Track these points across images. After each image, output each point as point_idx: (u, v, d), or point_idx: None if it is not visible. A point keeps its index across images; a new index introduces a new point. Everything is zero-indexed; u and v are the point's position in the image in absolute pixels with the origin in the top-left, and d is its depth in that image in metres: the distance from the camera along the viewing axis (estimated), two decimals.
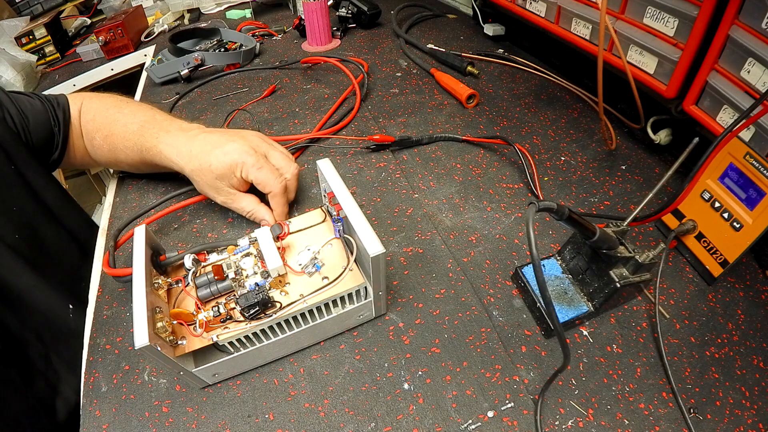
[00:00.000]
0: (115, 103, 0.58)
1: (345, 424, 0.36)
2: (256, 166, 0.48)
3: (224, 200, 0.51)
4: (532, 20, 0.71)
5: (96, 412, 0.38)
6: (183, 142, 0.50)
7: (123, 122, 0.55)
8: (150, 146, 0.52)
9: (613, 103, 0.64)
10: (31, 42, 1.13)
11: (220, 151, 0.48)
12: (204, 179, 0.49)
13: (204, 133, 0.51)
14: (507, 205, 0.53)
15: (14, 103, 0.54)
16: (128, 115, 0.56)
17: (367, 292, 0.39)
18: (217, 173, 0.48)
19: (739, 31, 0.42)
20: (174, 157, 0.50)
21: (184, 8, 1.20)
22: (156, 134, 0.52)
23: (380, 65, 0.84)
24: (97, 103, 0.59)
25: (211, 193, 0.51)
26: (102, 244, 0.55)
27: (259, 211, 0.51)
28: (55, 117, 0.56)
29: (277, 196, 0.49)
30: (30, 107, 0.55)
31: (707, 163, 0.43)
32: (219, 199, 0.51)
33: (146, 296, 0.33)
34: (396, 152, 0.63)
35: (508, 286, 0.45)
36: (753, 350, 0.39)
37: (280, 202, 0.50)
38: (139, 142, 0.53)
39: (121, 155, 0.56)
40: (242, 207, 0.51)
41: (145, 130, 0.53)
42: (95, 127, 0.57)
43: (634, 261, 0.38)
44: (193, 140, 0.50)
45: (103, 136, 0.56)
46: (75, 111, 0.58)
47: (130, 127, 0.54)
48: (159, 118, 0.55)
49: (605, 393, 0.37)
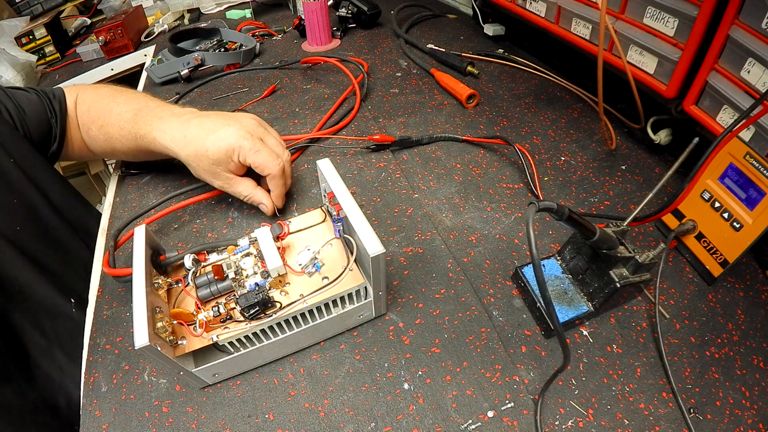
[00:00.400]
0: (109, 93, 0.58)
1: (345, 424, 0.36)
2: (254, 149, 0.48)
3: (221, 185, 0.51)
4: (532, 20, 0.71)
5: (96, 412, 0.38)
6: (177, 128, 0.50)
7: (117, 112, 0.55)
8: (144, 134, 0.52)
9: (613, 103, 0.64)
10: (31, 42, 1.13)
11: (215, 137, 0.48)
12: (201, 165, 0.49)
13: (198, 118, 0.51)
14: (507, 205, 0.53)
15: (10, 97, 0.54)
16: (122, 104, 0.56)
17: (367, 292, 0.39)
18: (213, 158, 0.48)
19: (739, 31, 0.42)
20: (168, 143, 0.50)
21: (184, 8, 1.20)
22: (149, 121, 0.52)
23: (380, 65, 0.84)
24: (92, 94, 0.59)
25: (208, 178, 0.51)
26: (102, 244, 0.55)
27: (256, 194, 0.51)
28: (52, 109, 0.56)
29: (276, 178, 0.49)
30: (26, 101, 0.55)
31: (707, 163, 0.43)
32: (216, 183, 0.51)
33: (146, 296, 0.33)
34: (396, 152, 0.63)
35: (508, 286, 0.45)
36: (753, 350, 0.39)
37: (278, 184, 0.50)
38: (133, 130, 0.53)
39: (117, 144, 0.56)
40: (240, 191, 0.51)
41: (139, 117, 0.53)
42: (90, 119, 0.57)
43: (634, 261, 0.38)
44: (187, 125, 0.50)
45: (99, 127, 0.56)
46: (71, 103, 0.58)
47: (124, 116, 0.54)
48: (152, 105, 0.55)
49: (605, 393, 0.37)
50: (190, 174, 0.51)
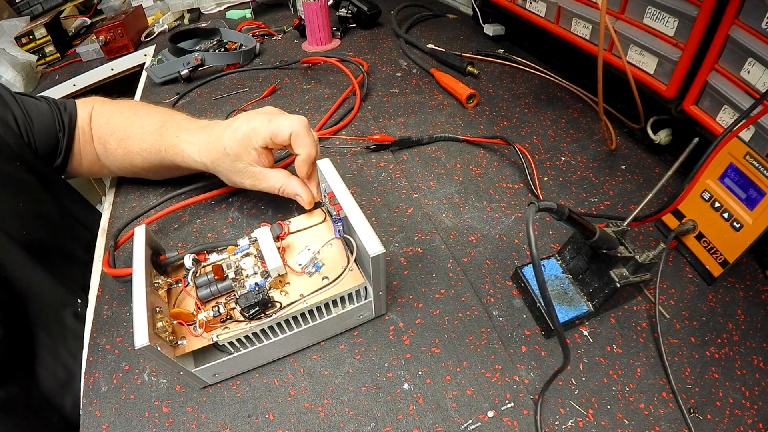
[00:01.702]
0: (130, 107, 0.57)
1: (345, 424, 0.36)
2: (265, 120, 0.44)
3: (252, 182, 0.47)
4: (532, 20, 0.71)
5: (96, 412, 0.38)
6: (203, 138, 0.48)
7: (140, 124, 0.53)
8: (170, 146, 0.50)
9: (613, 103, 0.64)
10: (31, 42, 1.13)
11: (229, 131, 0.45)
12: (224, 166, 0.47)
13: (219, 122, 0.49)
14: (507, 205, 0.53)
15: (20, 105, 0.53)
16: (145, 117, 0.54)
17: (367, 292, 0.39)
18: (233, 154, 0.45)
19: (739, 31, 0.42)
20: (195, 154, 0.48)
21: (184, 8, 1.20)
22: (176, 133, 0.50)
23: (380, 65, 0.84)
24: (111, 107, 0.57)
25: (237, 179, 0.48)
26: (102, 244, 0.55)
27: (290, 184, 0.46)
28: (61, 121, 0.54)
29: (302, 134, 0.43)
30: (36, 110, 0.53)
31: (707, 163, 0.43)
32: (247, 182, 0.48)
33: (146, 296, 0.33)
34: (396, 152, 0.63)
35: (508, 286, 0.45)
36: (753, 350, 0.39)
37: (307, 141, 0.44)
38: (157, 142, 0.51)
39: (136, 159, 0.54)
40: (272, 185, 0.47)
41: (165, 129, 0.51)
42: (109, 131, 0.55)
43: (634, 261, 0.38)
44: (210, 132, 0.48)
45: (118, 140, 0.54)
46: (84, 115, 0.56)
47: (148, 129, 0.52)
48: (177, 118, 0.54)
49: (605, 393, 0.37)
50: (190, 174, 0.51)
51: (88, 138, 0.56)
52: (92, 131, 0.56)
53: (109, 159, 0.56)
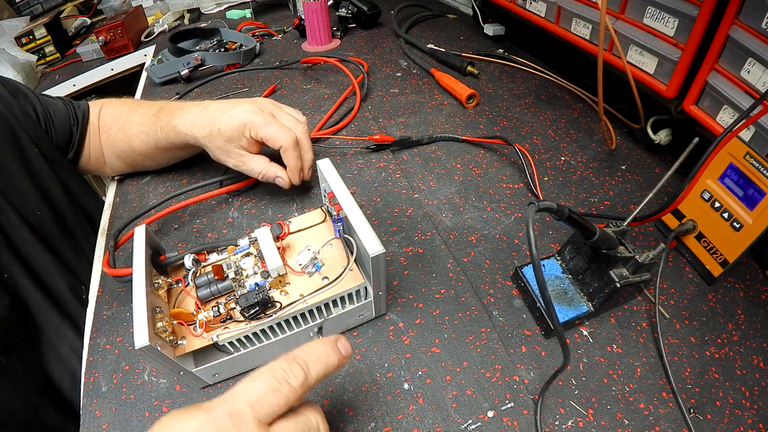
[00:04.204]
0: (134, 101, 0.64)
1: (345, 424, 0.36)
2: (264, 123, 0.49)
3: (235, 163, 0.52)
4: (532, 20, 0.71)
5: (96, 412, 0.38)
6: (196, 113, 0.52)
7: (140, 110, 0.58)
8: (164, 124, 0.54)
9: (613, 103, 0.64)
10: (31, 42, 1.13)
11: (228, 115, 0.49)
12: (215, 143, 0.51)
13: (216, 102, 0.53)
14: (507, 205, 0.53)
15: (40, 100, 0.57)
16: (145, 106, 0.59)
17: (367, 292, 0.39)
18: (226, 135, 0.49)
19: (739, 31, 0.42)
20: (188, 128, 0.52)
21: (184, 8, 1.20)
22: (171, 112, 0.55)
23: (380, 65, 0.84)
24: (117, 101, 0.63)
25: (223, 157, 0.52)
26: (102, 244, 0.55)
27: (269, 169, 0.51)
28: (75, 117, 0.59)
29: (289, 150, 0.49)
30: (54, 106, 0.58)
31: (707, 163, 0.43)
32: (231, 162, 0.52)
33: (146, 296, 0.33)
34: (396, 152, 0.63)
35: (508, 286, 0.45)
36: (753, 350, 0.39)
37: (292, 156, 0.50)
38: (155, 124, 0.55)
39: (135, 141, 0.57)
40: (253, 168, 0.52)
41: (162, 112, 0.56)
42: (113, 119, 0.60)
43: (634, 261, 0.38)
44: (206, 109, 0.52)
45: (120, 125, 0.59)
46: (95, 111, 0.61)
47: (147, 113, 0.57)
48: (174, 104, 0.58)
49: (605, 393, 0.37)
50: (190, 174, 0.51)
51: (96, 131, 0.60)
52: (99, 123, 0.60)
53: (112, 145, 0.60)
